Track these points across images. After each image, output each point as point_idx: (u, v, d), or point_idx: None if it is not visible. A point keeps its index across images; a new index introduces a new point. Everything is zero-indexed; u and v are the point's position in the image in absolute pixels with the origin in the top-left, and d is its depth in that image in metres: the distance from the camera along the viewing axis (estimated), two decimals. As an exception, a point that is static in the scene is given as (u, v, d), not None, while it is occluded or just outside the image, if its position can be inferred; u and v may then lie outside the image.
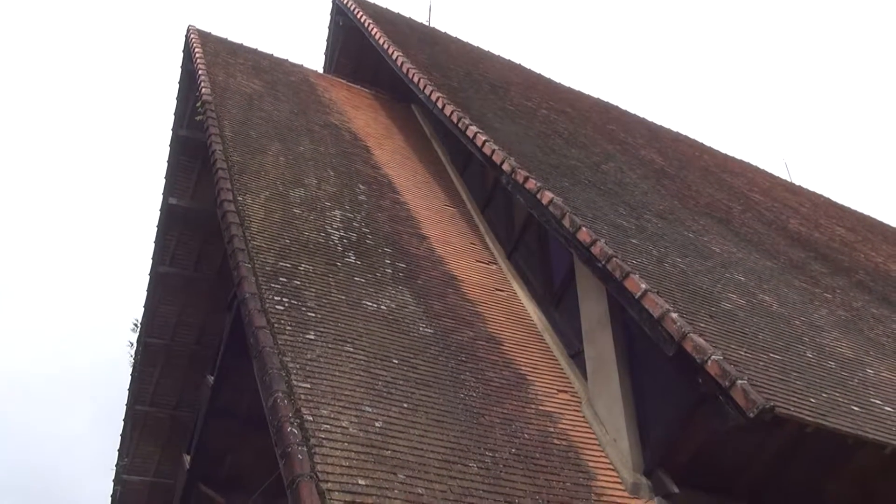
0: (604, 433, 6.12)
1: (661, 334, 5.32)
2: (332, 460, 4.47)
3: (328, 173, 9.29)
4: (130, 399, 11.07)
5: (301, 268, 6.74)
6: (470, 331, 6.99)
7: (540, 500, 5.02)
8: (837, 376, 5.82)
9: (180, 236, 10.68)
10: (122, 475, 11.12)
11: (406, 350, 6.10)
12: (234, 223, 7.07)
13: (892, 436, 5.23)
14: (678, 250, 7.32)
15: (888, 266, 12.30)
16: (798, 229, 11.89)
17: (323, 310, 6.17)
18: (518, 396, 6.25)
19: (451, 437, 5.26)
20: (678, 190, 10.64)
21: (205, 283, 10.74)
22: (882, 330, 7.91)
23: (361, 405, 5.12)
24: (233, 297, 7.40)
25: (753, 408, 4.56)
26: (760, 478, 6.02)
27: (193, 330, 10.98)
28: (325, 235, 7.64)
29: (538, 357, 7.15)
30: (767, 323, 6.30)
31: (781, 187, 15.97)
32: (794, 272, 8.77)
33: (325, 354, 5.54)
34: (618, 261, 5.93)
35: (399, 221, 8.89)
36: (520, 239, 8.96)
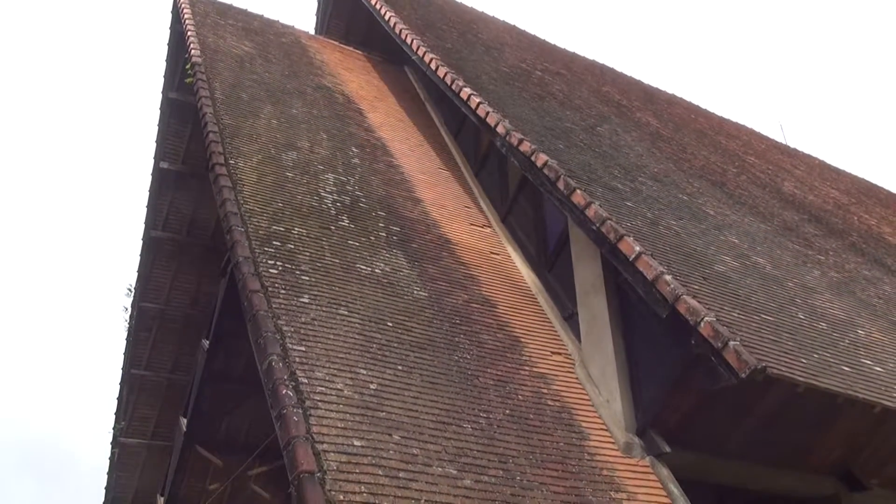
0: (597, 394, 6.17)
1: (654, 296, 5.34)
2: (328, 422, 4.50)
3: (321, 136, 9.21)
4: (126, 363, 11.11)
5: (294, 231, 6.71)
6: (464, 294, 7.00)
7: (533, 460, 5.08)
8: (829, 337, 5.87)
9: (172, 201, 10.61)
10: (119, 438, 11.20)
11: (400, 313, 6.11)
12: (227, 187, 7.01)
13: (882, 395, 5.29)
14: (673, 213, 7.30)
15: (881, 228, 12.34)
16: (792, 192, 11.88)
17: (317, 273, 6.16)
18: (512, 358, 6.29)
19: (446, 398, 5.29)
20: (673, 152, 10.59)
21: (198, 247, 10.70)
22: (874, 291, 7.96)
23: (356, 368, 5.14)
24: (226, 261, 7.38)
25: (745, 368, 4.60)
26: (751, 437, 6.11)
27: (187, 294, 10.98)
28: (319, 199, 7.59)
29: (532, 320, 7.18)
30: (760, 285, 6.32)
31: (776, 150, 15.92)
32: (788, 234, 8.78)
33: (319, 318, 5.54)
34: (612, 223, 5.91)
35: (393, 185, 8.84)
36: (514, 202, 8.93)
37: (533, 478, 4.89)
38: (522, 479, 4.82)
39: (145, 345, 11.11)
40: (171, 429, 11.01)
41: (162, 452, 11.23)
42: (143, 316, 10.99)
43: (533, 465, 5.03)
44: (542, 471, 5.01)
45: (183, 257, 10.80)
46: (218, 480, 10.42)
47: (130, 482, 11.42)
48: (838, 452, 6.50)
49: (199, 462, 10.40)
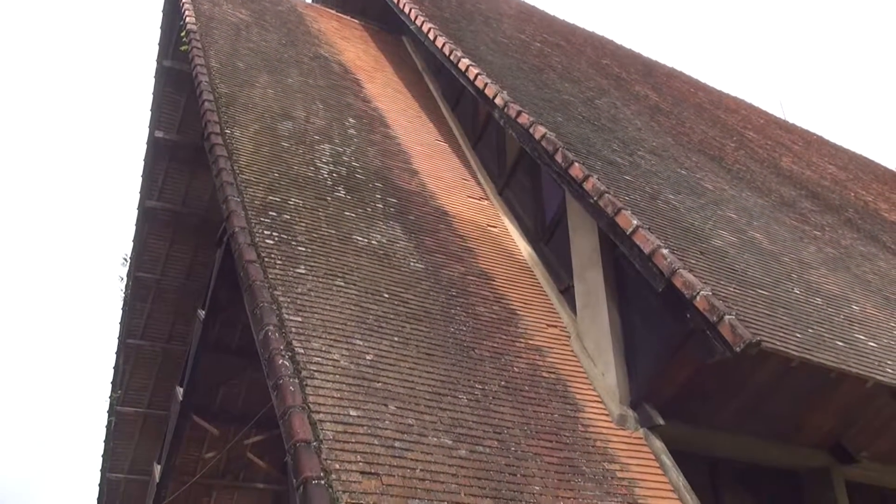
0: (592, 367, 6.20)
1: (651, 270, 5.34)
2: (324, 392, 4.51)
3: (318, 106, 9.13)
4: (122, 333, 11.12)
5: (291, 202, 6.68)
6: (461, 266, 7.00)
7: (528, 431, 5.11)
8: (824, 312, 5.89)
9: (168, 170, 10.53)
10: (115, 406, 11.25)
11: (397, 285, 6.11)
12: (223, 156, 6.96)
13: (874, 370, 5.33)
14: (671, 187, 7.28)
15: (878, 205, 12.35)
16: (790, 167, 11.86)
17: (313, 244, 6.14)
18: (508, 331, 6.30)
19: (442, 369, 5.31)
20: (672, 126, 10.54)
21: (193, 217, 10.66)
22: (869, 267, 7.98)
23: (352, 338, 5.15)
24: (222, 231, 7.35)
25: (740, 342, 4.62)
26: (743, 410, 6.16)
27: (183, 265, 10.96)
28: (315, 170, 7.55)
29: (528, 292, 7.19)
30: (757, 260, 6.33)
31: (775, 125, 15.86)
32: (785, 210, 8.78)
33: (315, 288, 5.54)
34: (610, 197, 5.90)
35: (390, 156, 8.79)
36: (511, 174, 8.89)
37: (527, 448, 4.93)
38: (517, 450, 4.86)
39: (141, 315, 11.11)
40: (167, 398, 11.06)
41: (158, 421, 11.29)
42: (139, 286, 10.97)
43: (527, 435, 5.06)
44: (537, 441, 5.05)
45: (178, 227, 10.76)
46: (214, 449, 10.50)
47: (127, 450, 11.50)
48: (829, 426, 6.57)
49: (196, 431, 10.47)
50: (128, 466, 11.56)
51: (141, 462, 11.49)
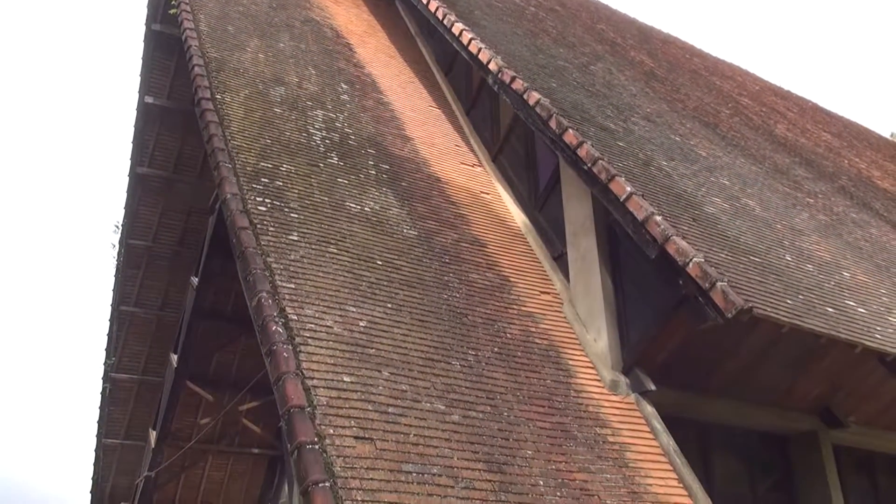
0: (584, 333, 6.24)
1: (644, 237, 5.35)
2: (318, 358, 4.53)
3: (309, 71, 9.02)
4: (115, 300, 11.10)
5: (283, 168, 6.63)
6: (454, 233, 6.99)
7: (520, 397, 5.16)
8: (815, 279, 5.92)
9: (158, 136, 10.42)
10: (110, 373, 11.29)
11: (390, 251, 6.10)
12: (213, 122, 6.89)
13: (864, 336, 5.38)
14: (665, 154, 7.26)
15: (871, 172, 12.36)
16: (785, 134, 11.83)
17: (306, 211, 6.11)
18: (501, 297, 6.32)
19: (435, 336, 5.34)
20: (667, 93, 10.47)
21: (185, 184, 10.58)
22: (861, 234, 8.01)
23: (346, 305, 5.16)
24: (214, 198, 7.31)
25: (732, 309, 4.64)
26: (734, 376, 6.23)
27: (175, 232, 10.90)
28: (307, 136, 7.48)
29: (521, 259, 7.20)
30: (749, 226, 6.34)
31: (770, 91, 15.78)
32: (779, 177, 8.78)
33: (308, 255, 5.53)
34: (604, 163, 5.87)
35: (383, 122, 8.72)
36: (505, 141, 8.84)
37: (520, 413, 4.98)
38: (509, 415, 4.90)
39: (134, 282, 11.08)
40: (161, 365, 11.10)
41: (153, 388, 11.34)
42: (131, 253, 10.92)
43: (520, 401, 5.11)
44: (529, 407, 5.10)
45: (170, 194, 10.68)
46: (209, 415, 10.58)
47: (122, 417, 11.57)
48: (818, 391, 6.66)
49: (191, 397, 10.53)
50: (123, 432, 11.64)
51: (136, 428, 11.57)
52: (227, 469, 11.69)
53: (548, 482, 4.47)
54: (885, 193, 11.24)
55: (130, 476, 11.62)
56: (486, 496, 4.13)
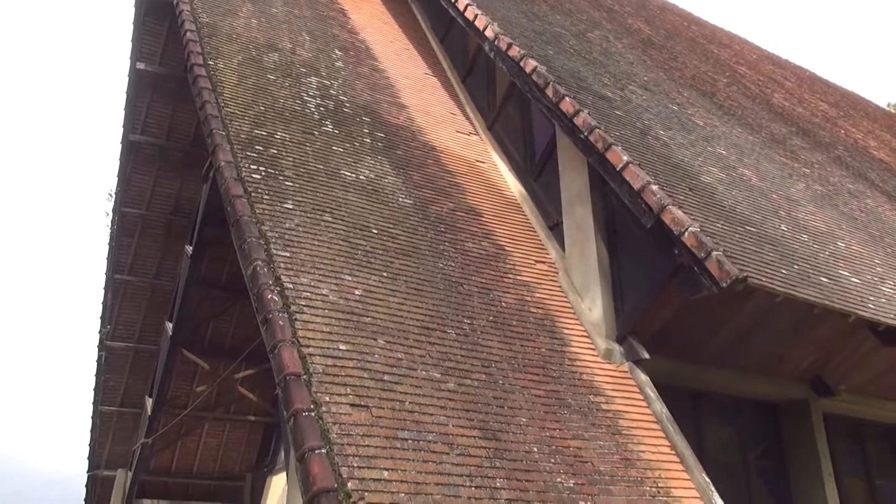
0: (579, 302, 6.25)
1: (640, 206, 5.33)
2: (313, 326, 4.54)
3: (303, 37, 8.90)
4: (109, 268, 11.06)
5: (277, 136, 6.57)
6: (449, 202, 6.97)
7: (515, 365, 5.19)
8: (810, 249, 5.94)
9: (150, 103, 10.27)
10: (105, 341, 11.29)
11: (385, 220, 6.08)
12: (206, 89, 6.80)
13: (857, 306, 5.41)
14: (661, 123, 7.22)
15: (867, 142, 12.33)
16: (782, 104, 11.77)
17: (301, 179, 6.07)
18: (496, 266, 6.32)
19: (430, 304, 5.34)
20: (664, 61, 10.38)
21: (178, 152, 10.46)
22: (856, 205, 8.02)
23: (341, 274, 5.15)
24: (208, 165, 7.25)
25: (727, 278, 4.65)
26: (727, 345, 6.27)
27: (169, 200, 10.82)
28: (302, 103, 7.40)
29: (517, 228, 7.19)
30: (746, 196, 6.33)
31: (768, 60, 15.66)
32: (775, 146, 8.75)
33: (303, 224, 5.50)
34: (600, 132, 5.84)
35: (378, 90, 8.63)
36: (501, 109, 8.77)
37: (514, 381, 5.01)
38: (504, 383, 4.93)
39: (128, 250, 11.02)
40: (157, 333, 11.11)
41: (149, 356, 11.36)
42: (125, 221, 10.85)
43: (515, 369, 5.14)
44: (524, 375, 5.13)
45: (163, 162, 10.57)
46: (205, 383, 10.64)
47: (118, 384, 11.60)
48: (810, 360, 6.72)
49: (186, 365, 10.58)
50: (119, 400, 11.69)
51: (133, 395, 11.63)
52: (223, 436, 11.79)
53: (542, 449, 4.52)
54: (881, 164, 11.23)
55: (127, 443, 11.71)
56: (480, 463, 4.17)
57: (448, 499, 3.81)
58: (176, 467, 11.69)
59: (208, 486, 11.89)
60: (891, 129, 15.09)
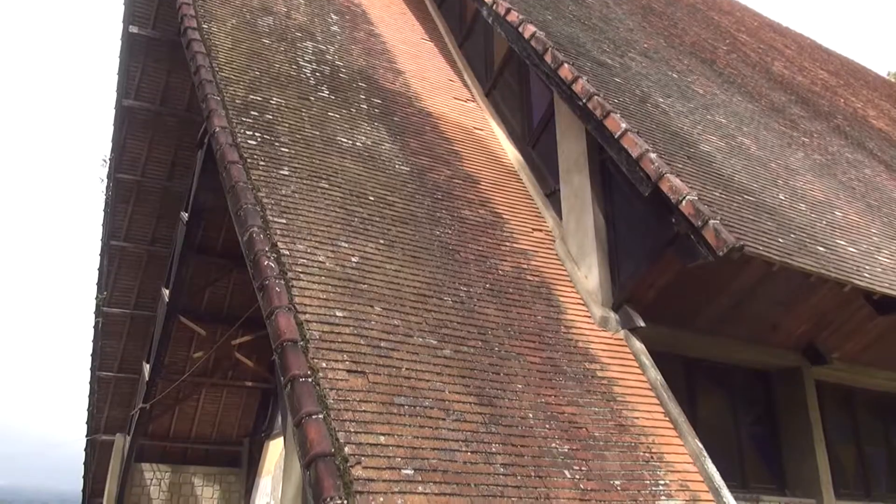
0: (575, 270, 6.26)
1: (638, 174, 5.31)
2: (310, 293, 4.53)
3: (298, 1, 8.76)
4: (105, 234, 11.02)
5: (273, 101, 6.51)
6: (447, 169, 6.93)
7: (511, 332, 5.21)
8: (807, 218, 5.93)
9: (144, 68, 10.13)
10: (102, 307, 11.30)
11: (382, 187, 6.05)
12: (201, 53, 6.71)
13: (852, 274, 5.43)
14: (661, 90, 7.16)
15: (866, 111, 12.26)
16: (782, 72, 11.67)
17: (297, 145, 6.02)
18: (493, 234, 6.31)
19: (427, 272, 5.34)
20: (664, 27, 10.26)
21: (173, 117, 10.36)
22: (854, 174, 8.00)
23: (338, 241, 5.14)
24: (203, 131, 7.18)
25: (724, 247, 4.65)
26: (722, 313, 6.30)
27: (164, 166, 10.74)
28: (297, 68, 7.32)
29: (514, 196, 7.16)
30: (744, 165, 6.31)
31: (769, 27, 15.49)
32: (775, 115, 8.70)
33: (300, 190, 5.47)
34: (599, 99, 5.79)
35: (374, 55, 8.53)
36: (499, 76, 8.68)
37: (510, 348, 5.03)
38: (500, 350, 4.96)
39: (123, 216, 10.97)
40: (153, 299, 11.11)
41: (146, 322, 11.38)
42: (120, 187, 10.78)
43: (511, 336, 5.16)
44: (520, 342, 5.16)
45: (157, 127, 10.47)
46: (202, 349, 10.68)
47: (115, 350, 11.64)
48: (804, 328, 6.75)
49: (183, 331, 10.61)
50: (117, 366, 11.74)
51: (130, 361, 11.67)
52: (220, 401, 11.88)
53: (537, 415, 4.56)
54: (880, 133, 11.18)
55: (125, 408, 11.79)
56: (476, 428, 4.20)
57: (444, 463, 3.85)
58: (174, 432, 11.79)
59: (206, 450, 12.01)
60: (890, 99, 15.00)
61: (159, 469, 11.52)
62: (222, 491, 11.71)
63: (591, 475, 4.33)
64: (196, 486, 11.65)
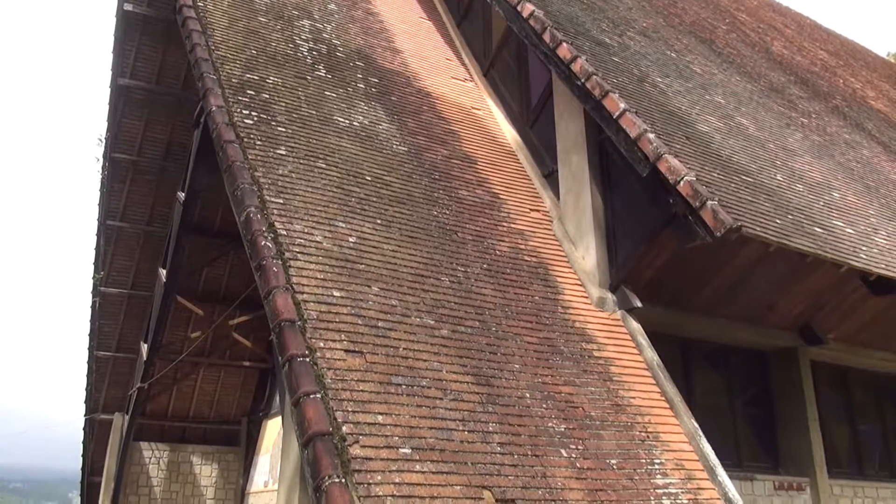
0: (573, 251, 6.27)
1: (636, 154, 5.30)
2: (307, 273, 4.53)
3: (295, -22, 8.66)
4: (101, 214, 10.98)
5: (269, 80, 6.46)
6: (444, 149, 6.91)
7: (508, 312, 5.22)
8: (805, 199, 5.93)
9: (139, 46, 10.03)
10: (99, 287, 11.29)
11: (379, 167, 6.03)
12: (196, 31, 6.65)
13: (849, 256, 5.44)
14: (660, 70, 7.12)
15: (865, 92, 12.22)
16: (781, 52, 11.61)
17: (293, 125, 5.99)
18: (490, 215, 6.31)
19: (424, 252, 5.34)
20: (663, 6, 10.18)
21: (168, 96, 10.27)
22: (852, 155, 7.99)
23: (335, 221, 5.13)
24: (199, 110, 7.13)
25: (721, 227, 4.66)
26: (719, 294, 6.32)
27: (160, 145, 10.67)
28: (294, 47, 7.26)
29: (512, 176, 7.15)
30: (742, 146, 6.29)
31: (769, 7, 15.39)
32: (773, 96, 8.67)
33: (296, 170, 5.45)
34: (598, 79, 5.76)
35: (372, 34, 8.46)
36: (497, 55, 8.62)
37: (508, 328, 5.05)
38: (497, 330, 4.97)
39: (120, 196, 10.92)
40: (150, 279, 11.10)
41: (143, 302, 11.37)
42: (116, 167, 10.72)
43: (508, 316, 5.17)
44: (517, 322, 5.17)
45: (153, 107, 10.38)
46: (199, 329, 10.69)
47: (113, 330, 11.64)
48: (800, 309, 6.78)
49: (181, 312, 10.62)
50: (115, 345, 11.75)
51: (128, 341, 11.68)
52: (218, 381, 11.92)
53: (534, 394, 4.58)
54: (878, 114, 11.15)
55: (123, 387, 11.82)
56: (473, 407, 4.23)
57: (441, 442, 3.87)
58: (172, 411, 11.85)
59: (204, 429, 12.07)
60: (889, 79, 14.95)
61: (158, 448, 11.58)
62: (221, 469, 11.79)
63: (587, 454, 4.36)
64: (195, 464, 11.72)
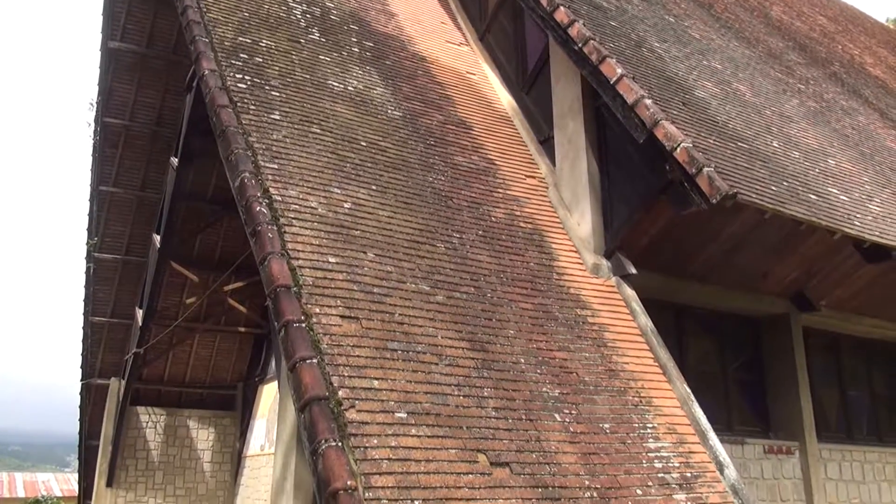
0: (568, 217, 6.26)
1: (633, 121, 5.27)
2: (303, 239, 4.53)
3: (287, -61, 8.49)
4: (94, 179, 10.90)
5: (262, 44, 6.37)
6: (439, 114, 6.85)
7: (504, 279, 5.23)
8: (800, 166, 5.93)
9: (130, 8, 9.87)
10: (93, 253, 11.26)
11: (374, 132, 5.99)
12: (187, -8, 6.53)
13: (843, 223, 5.46)
14: (657, 35, 7.05)
15: (863, 59, 12.14)
16: (780, 17, 11.49)
17: (287, 89, 5.93)
18: (486, 181, 6.29)
19: (420, 218, 5.33)
20: (662, -31, 10.03)
21: (160, 60, 10.13)
22: (848, 122, 7.97)
23: (330, 186, 5.10)
24: (191, 74, 7.06)
25: (717, 194, 4.65)
26: (713, 261, 6.34)
27: (152, 110, 10.55)
28: (287, 9, 7.15)
29: (507, 142, 7.11)
30: (739, 112, 6.26)
31: (768, -29, 15.17)
32: (771, 62, 8.60)
33: (291, 135, 5.41)
34: (595, 43, 5.69)
35: (366, -4, 8.33)
36: (493, 19, 8.51)
37: (503, 294, 5.06)
38: (493, 296, 4.99)
39: (112, 162, 10.83)
40: (144, 245, 11.07)
41: (138, 268, 11.36)
42: (108, 132, 10.61)
43: (503, 283, 5.19)
44: (512, 288, 5.19)
45: (144, 70, 10.25)
46: (194, 295, 10.71)
47: (108, 296, 11.64)
48: (793, 276, 6.82)
49: (175, 277, 10.62)
50: (110, 311, 11.76)
51: (123, 306, 11.69)
52: (214, 347, 11.98)
53: (529, 360, 4.62)
54: (876, 80, 11.09)
55: (119, 353, 11.86)
56: (468, 373, 4.26)
57: (437, 407, 3.91)
58: (168, 376, 11.93)
59: (201, 394, 12.17)
60: (888, 45, 14.84)
61: (155, 412, 11.69)
62: (217, 433, 11.92)
63: (580, 418, 4.41)
64: (191, 428, 11.84)
